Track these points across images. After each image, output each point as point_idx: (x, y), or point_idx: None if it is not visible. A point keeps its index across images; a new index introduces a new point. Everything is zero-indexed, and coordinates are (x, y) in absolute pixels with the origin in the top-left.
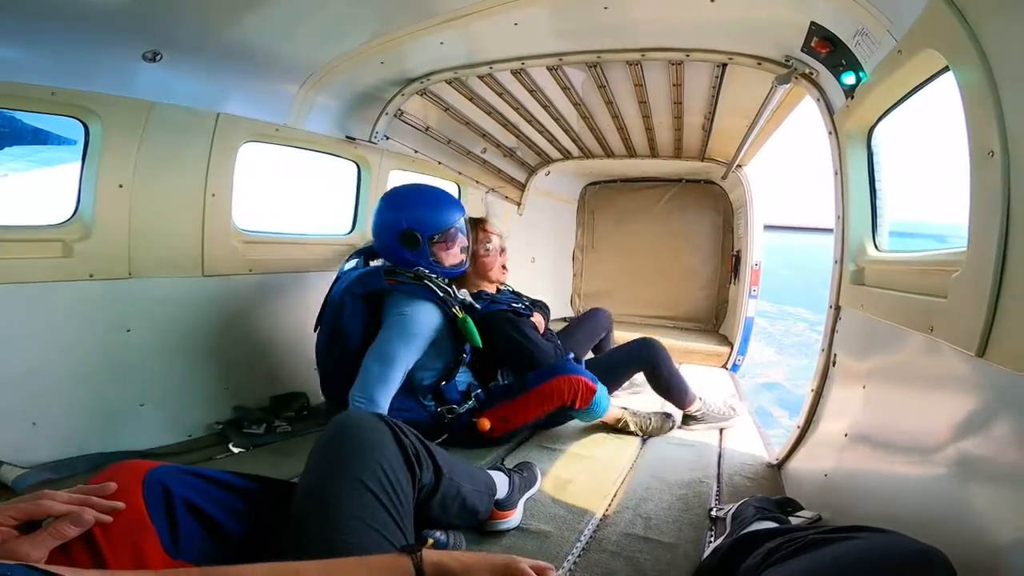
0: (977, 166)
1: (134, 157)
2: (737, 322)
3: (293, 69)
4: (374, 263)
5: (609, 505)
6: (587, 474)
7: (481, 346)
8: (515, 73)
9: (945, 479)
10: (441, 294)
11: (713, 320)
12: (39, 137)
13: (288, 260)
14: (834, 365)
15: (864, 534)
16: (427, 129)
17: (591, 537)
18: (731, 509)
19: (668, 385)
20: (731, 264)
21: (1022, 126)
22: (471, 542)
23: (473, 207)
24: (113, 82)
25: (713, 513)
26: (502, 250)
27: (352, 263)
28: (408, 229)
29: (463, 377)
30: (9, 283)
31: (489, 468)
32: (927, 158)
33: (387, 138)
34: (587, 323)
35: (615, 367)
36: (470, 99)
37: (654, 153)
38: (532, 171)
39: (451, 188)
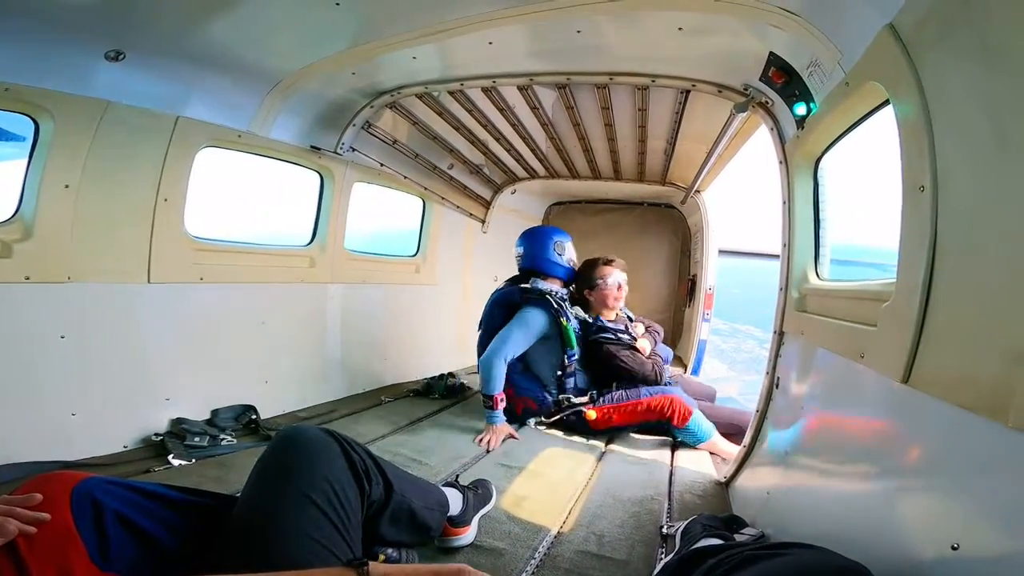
0: (908, 200)
1: (84, 157)
2: (691, 343)
3: (261, 75)
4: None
5: (564, 522)
6: (543, 491)
7: (575, 348)
8: (486, 91)
9: (873, 498)
10: (555, 307)
11: (669, 341)
12: None
13: (243, 269)
14: (777, 387)
15: (795, 551)
16: (394, 143)
17: (545, 554)
18: (681, 526)
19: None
20: (687, 288)
21: (952, 161)
22: (425, 559)
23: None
24: (70, 80)
25: (664, 530)
26: (619, 286)
27: (501, 283)
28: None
29: (582, 378)
30: None
31: (443, 485)
32: (869, 189)
33: (353, 150)
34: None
35: None
36: (440, 114)
37: (618, 176)
38: (498, 189)
39: (415, 203)
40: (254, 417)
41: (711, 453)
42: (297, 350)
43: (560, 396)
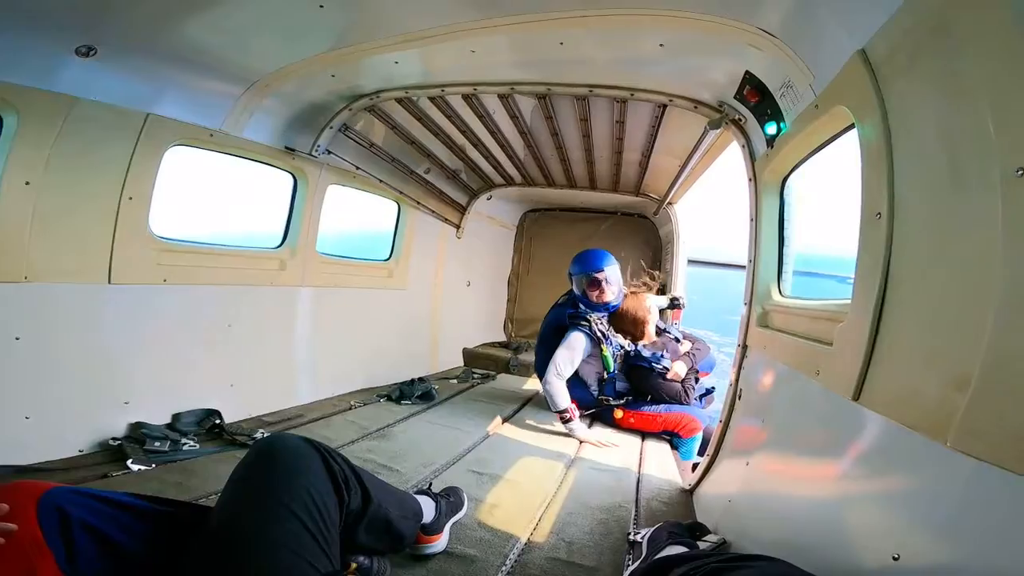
0: (865, 226)
1: (47, 154)
2: None
3: (238, 74)
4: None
5: (534, 529)
6: (513, 498)
7: (612, 370)
8: (466, 98)
9: (824, 508)
10: (597, 334)
11: None
12: None
13: (210, 271)
14: (739, 399)
15: (758, 563)
16: (371, 146)
17: (516, 561)
18: (647, 533)
19: None
20: None
21: (909, 191)
22: (397, 567)
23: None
24: (37, 74)
25: (631, 537)
26: (635, 322)
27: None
28: (568, 274)
29: (622, 383)
30: None
31: (415, 492)
32: (839, 203)
33: (329, 152)
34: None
35: None
36: (419, 119)
37: (593, 185)
38: (474, 194)
39: (391, 207)
40: (218, 422)
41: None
42: (265, 354)
43: (600, 396)
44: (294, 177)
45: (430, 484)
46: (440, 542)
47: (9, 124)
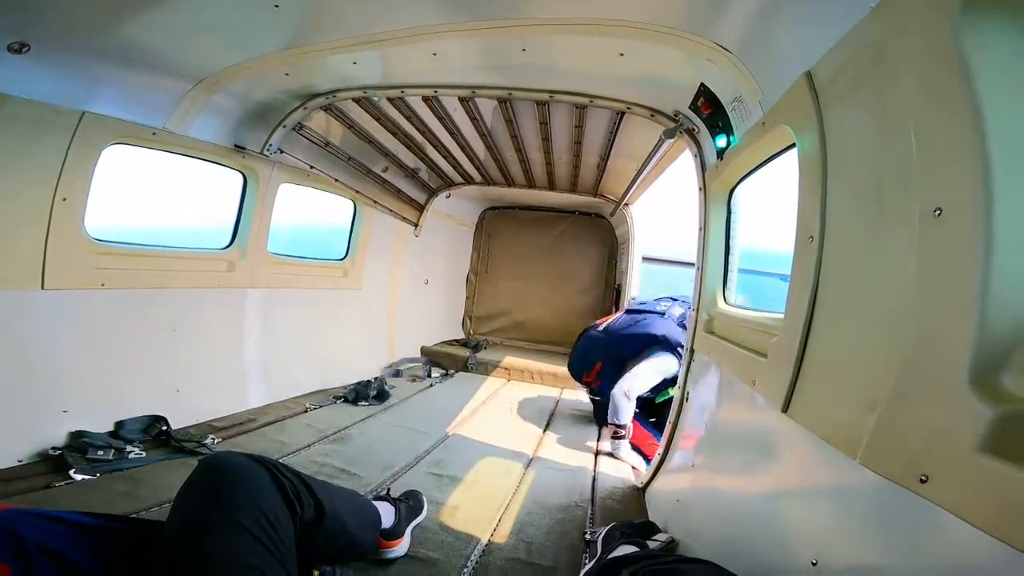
0: (799, 247)
1: None
2: None
3: (183, 72)
4: None
5: (495, 530)
6: (473, 500)
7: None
8: (427, 99)
9: (756, 512)
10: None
11: None
12: None
13: (151, 274)
14: (687, 401)
15: (694, 567)
16: (326, 145)
17: (477, 563)
18: (602, 533)
19: None
20: (613, 297)
21: (838, 217)
22: (360, 572)
23: (379, 228)
24: None
25: (587, 536)
26: None
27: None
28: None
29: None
30: None
31: (374, 498)
32: (780, 209)
33: (281, 151)
34: None
35: None
36: (377, 119)
37: (552, 186)
38: (432, 193)
39: (347, 206)
40: (164, 428)
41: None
42: (213, 357)
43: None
44: (244, 176)
45: (388, 489)
46: (401, 546)
47: None
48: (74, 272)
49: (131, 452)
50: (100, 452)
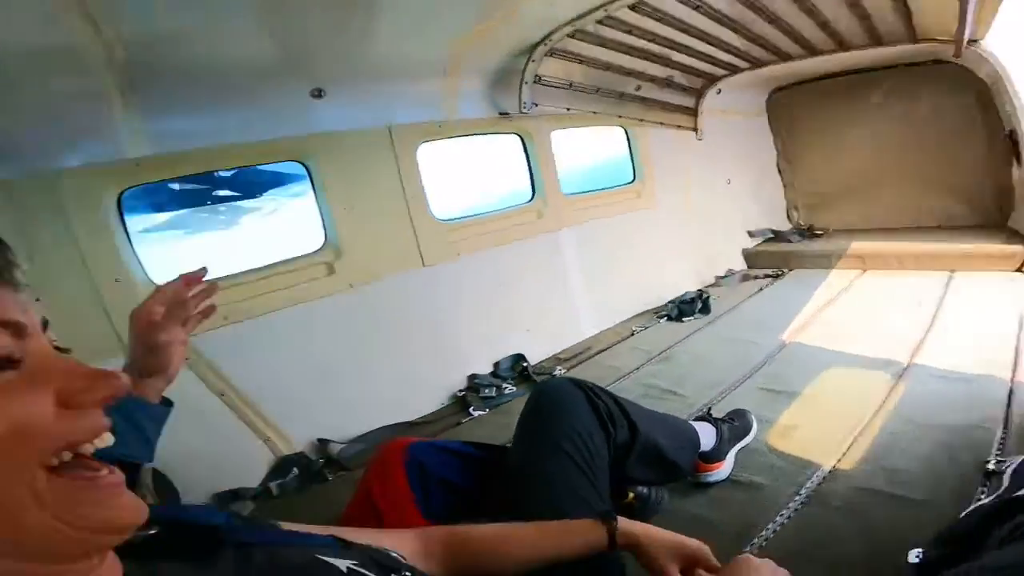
0: None
1: (348, 183)
2: None
3: (427, 70)
4: None
5: (843, 456)
6: (817, 420)
7: None
8: (633, 7)
9: None
10: None
11: (997, 212)
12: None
13: (488, 236)
14: None
15: None
16: (571, 86)
17: (813, 491)
18: (1015, 463)
19: None
20: (1012, 145)
21: None
22: (676, 494)
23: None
24: (291, 123)
25: (990, 467)
26: None
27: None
28: None
29: None
30: None
31: (696, 419)
32: None
33: (535, 105)
34: None
35: None
36: (601, 45)
37: (843, 46)
38: (699, 94)
39: (618, 134)
40: (525, 364)
41: None
42: (549, 298)
43: None
44: (521, 137)
45: (709, 409)
46: (722, 470)
47: (314, 170)
48: (439, 249)
49: (506, 388)
50: (487, 390)
